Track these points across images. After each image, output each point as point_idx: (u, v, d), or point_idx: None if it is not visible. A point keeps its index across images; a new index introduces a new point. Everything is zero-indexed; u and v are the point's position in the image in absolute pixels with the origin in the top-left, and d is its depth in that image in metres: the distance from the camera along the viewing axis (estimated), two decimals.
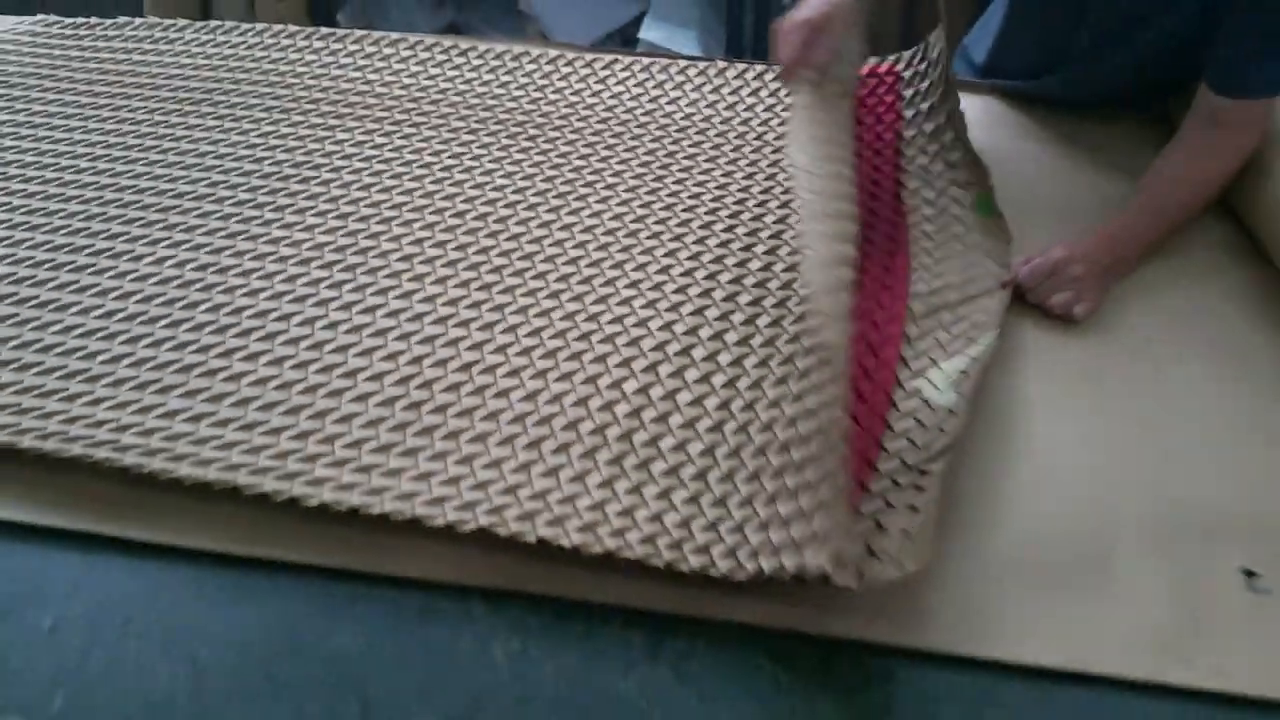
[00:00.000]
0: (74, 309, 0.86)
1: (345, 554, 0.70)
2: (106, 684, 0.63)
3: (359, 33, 1.25)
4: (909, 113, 1.07)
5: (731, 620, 0.67)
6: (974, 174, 0.99)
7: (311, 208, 0.97)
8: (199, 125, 1.09)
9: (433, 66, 1.19)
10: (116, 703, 0.62)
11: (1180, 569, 0.70)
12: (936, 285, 0.88)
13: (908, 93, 1.09)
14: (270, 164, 1.03)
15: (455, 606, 0.67)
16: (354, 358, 0.81)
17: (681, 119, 1.10)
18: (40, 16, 1.31)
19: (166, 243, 0.93)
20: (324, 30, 1.26)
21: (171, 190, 0.99)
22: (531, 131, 1.08)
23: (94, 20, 1.29)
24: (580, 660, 0.65)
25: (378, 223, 0.95)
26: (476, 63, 1.19)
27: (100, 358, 0.81)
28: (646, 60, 1.20)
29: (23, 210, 0.97)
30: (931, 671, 0.65)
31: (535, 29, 2.10)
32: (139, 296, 0.87)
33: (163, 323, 0.84)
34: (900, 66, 1.12)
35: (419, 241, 0.93)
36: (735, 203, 0.98)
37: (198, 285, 0.88)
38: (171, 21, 1.28)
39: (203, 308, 0.86)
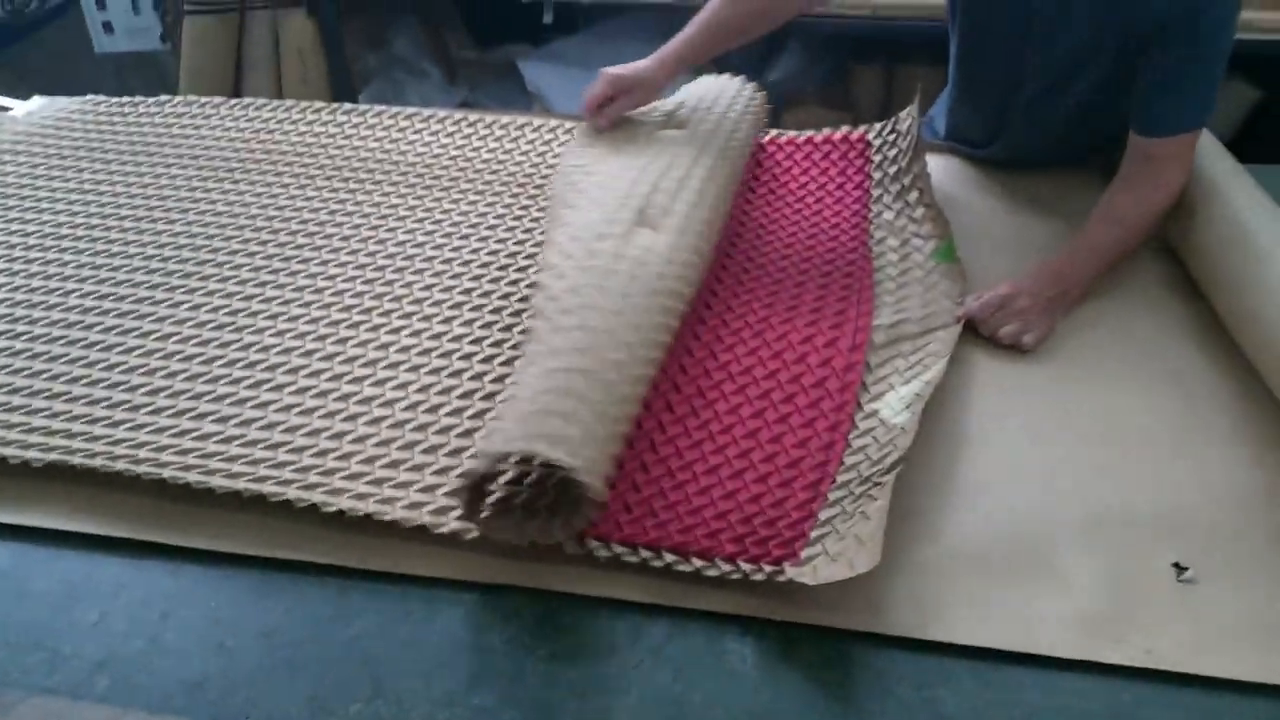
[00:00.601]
0: (119, 349, 0.93)
1: (361, 556, 0.75)
2: (146, 668, 0.69)
3: (377, 107, 1.34)
4: (877, 174, 1.15)
5: (705, 610, 0.72)
6: (936, 226, 1.06)
7: (323, 259, 1.05)
8: (232, 190, 1.17)
9: (430, 135, 1.28)
10: (155, 684, 0.68)
11: (1114, 563, 0.76)
12: (896, 320, 0.94)
13: (876, 157, 1.18)
14: (293, 222, 1.11)
15: (457, 599, 0.73)
16: (368, 387, 0.88)
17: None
18: (89, 96, 1.40)
19: (202, 291, 1.01)
20: (345, 105, 1.35)
21: (207, 246, 1.07)
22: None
23: (137, 99, 1.38)
24: (568, 645, 0.70)
25: (377, 270, 1.03)
26: (468, 131, 1.28)
27: (142, 390, 0.88)
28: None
29: (74, 264, 1.05)
30: (886, 652, 0.70)
31: (540, 106, 2.20)
32: (178, 337, 0.94)
33: (198, 359, 0.92)
34: (871, 135, 1.21)
35: (427, 286, 1.00)
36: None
37: (229, 327, 0.95)
38: (207, 99, 1.37)
39: (234, 347, 0.93)
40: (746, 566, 0.72)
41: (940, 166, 1.21)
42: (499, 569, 0.75)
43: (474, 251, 1.06)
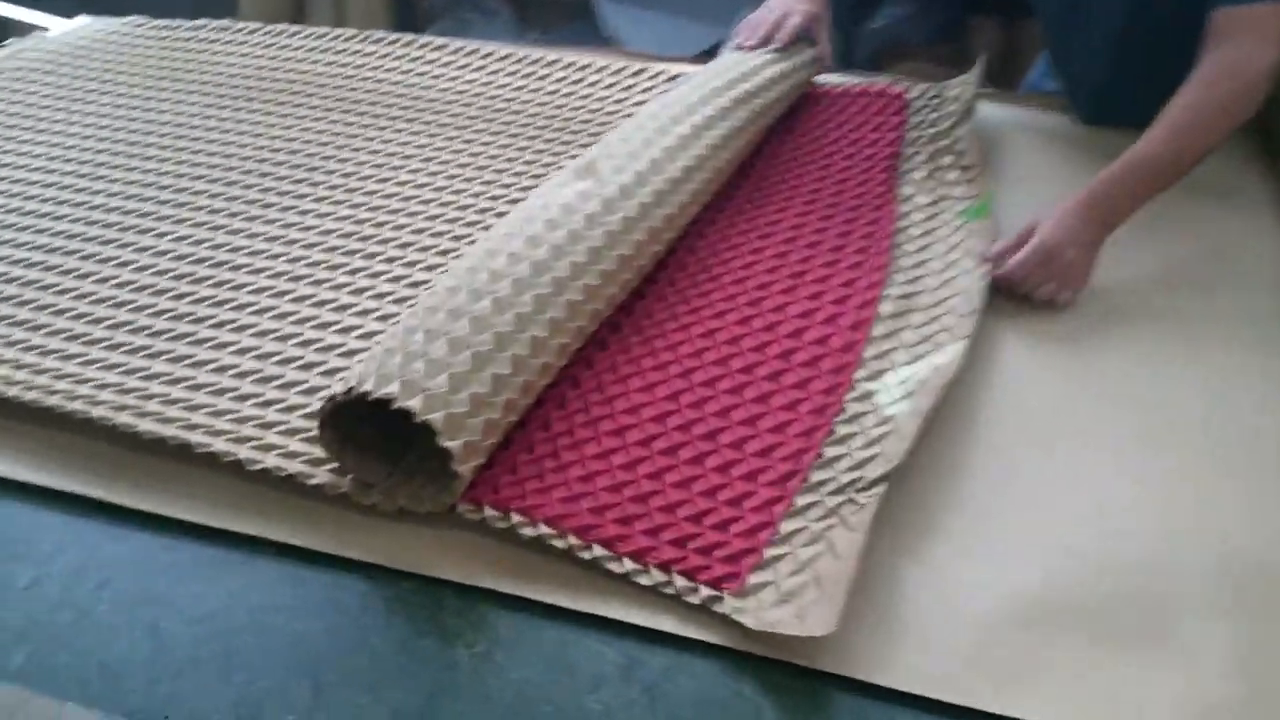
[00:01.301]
0: (92, 277, 0.88)
1: (327, 538, 0.67)
2: (68, 645, 0.62)
3: (418, 38, 1.26)
4: (912, 134, 1.02)
5: (712, 643, 0.60)
6: (973, 188, 0.93)
7: (319, 197, 0.97)
8: (246, 120, 1.10)
9: (459, 68, 1.19)
10: (74, 664, 0.61)
11: (1249, 628, 0.60)
12: (909, 289, 0.83)
13: (914, 118, 1.04)
14: (299, 155, 1.03)
15: (426, 600, 0.64)
16: (331, 334, 0.80)
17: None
18: (131, 17, 1.35)
19: (190, 223, 0.94)
20: (378, 34, 1.26)
21: (206, 177, 1.01)
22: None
23: (175, 22, 1.32)
24: (546, 670, 0.60)
25: (371, 212, 0.95)
26: (513, 69, 1.18)
27: (103, 323, 0.82)
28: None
29: (67, 190, 1.00)
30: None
31: (617, 50, 2.08)
32: (152, 269, 0.88)
33: (167, 295, 0.85)
34: (911, 94, 1.07)
35: (417, 231, 0.92)
36: None
37: (208, 262, 0.89)
38: (244, 25, 1.31)
39: (206, 283, 0.86)
40: (680, 583, 0.61)
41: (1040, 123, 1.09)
42: (480, 568, 0.64)
43: (475, 197, 0.97)
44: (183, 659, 0.61)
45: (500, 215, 0.92)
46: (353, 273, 0.87)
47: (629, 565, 0.62)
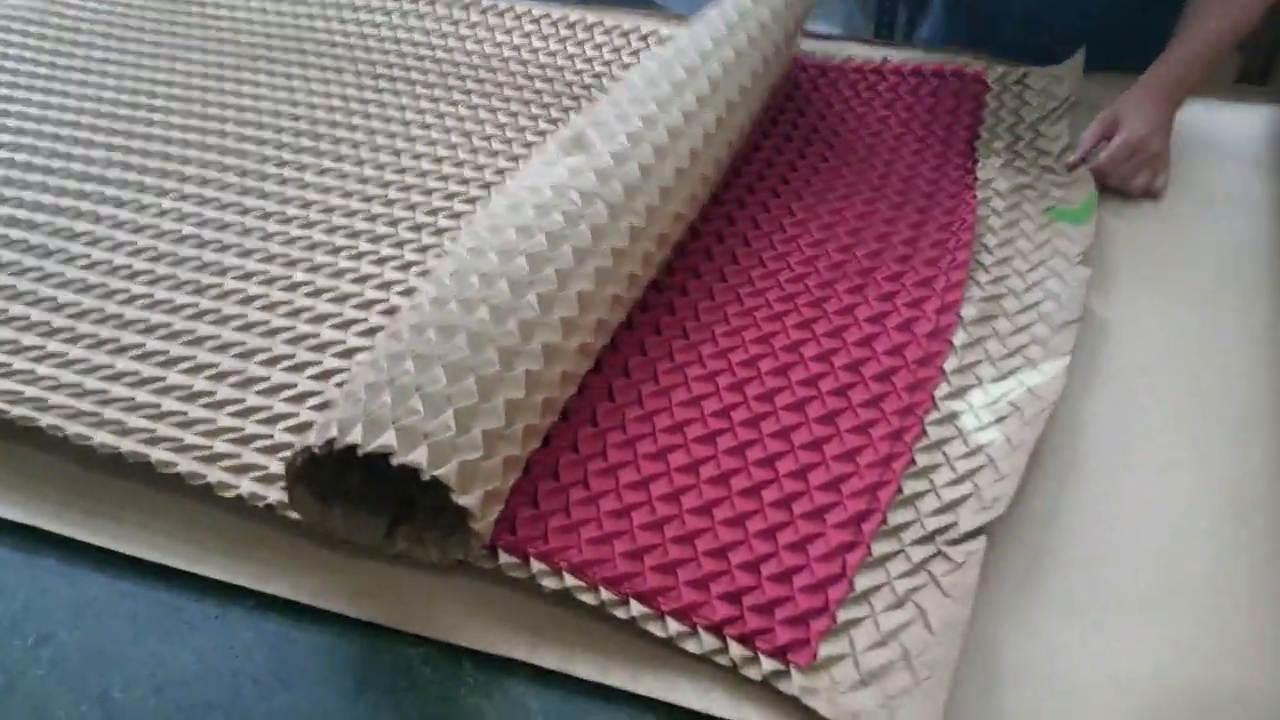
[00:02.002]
0: (58, 255, 0.75)
1: (316, 587, 0.54)
2: None
3: None
4: (990, 119, 0.87)
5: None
6: (1073, 190, 0.79)
7: (299, 167, 0.84)
8: (248, 82, 0.97)
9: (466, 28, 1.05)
10: None
11: None
12: (994, 291, 0.70)
13: (991, 102, 0.89)
14: (285, 119, 0.91)
15: (439, 672, 0.51)
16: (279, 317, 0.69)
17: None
18: None
19: (175, 195, 0.81)
20: None
21: (196, 143, 0.88)
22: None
23: None
24: None
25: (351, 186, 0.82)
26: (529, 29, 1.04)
27: (65, 310, 0.70)
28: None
29: (40, 154, 0.87)
30: None
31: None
32: (125, 249, 0.76)
33: (139, 278, 0.73)
34: (990, 77, 0.92)
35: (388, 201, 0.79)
36: None
37: (190, 241, 0.76)
38: None
39: (164, 262, 0.74)
40: (737, 652, 0.49)
41: None
42: (499, 631, 0.51)
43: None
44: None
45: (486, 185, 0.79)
46: (357, 257, 0.74)
47: (673, 627, 0.50)
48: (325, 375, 0.64)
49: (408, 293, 0.70)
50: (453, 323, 0.56)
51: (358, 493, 0.54)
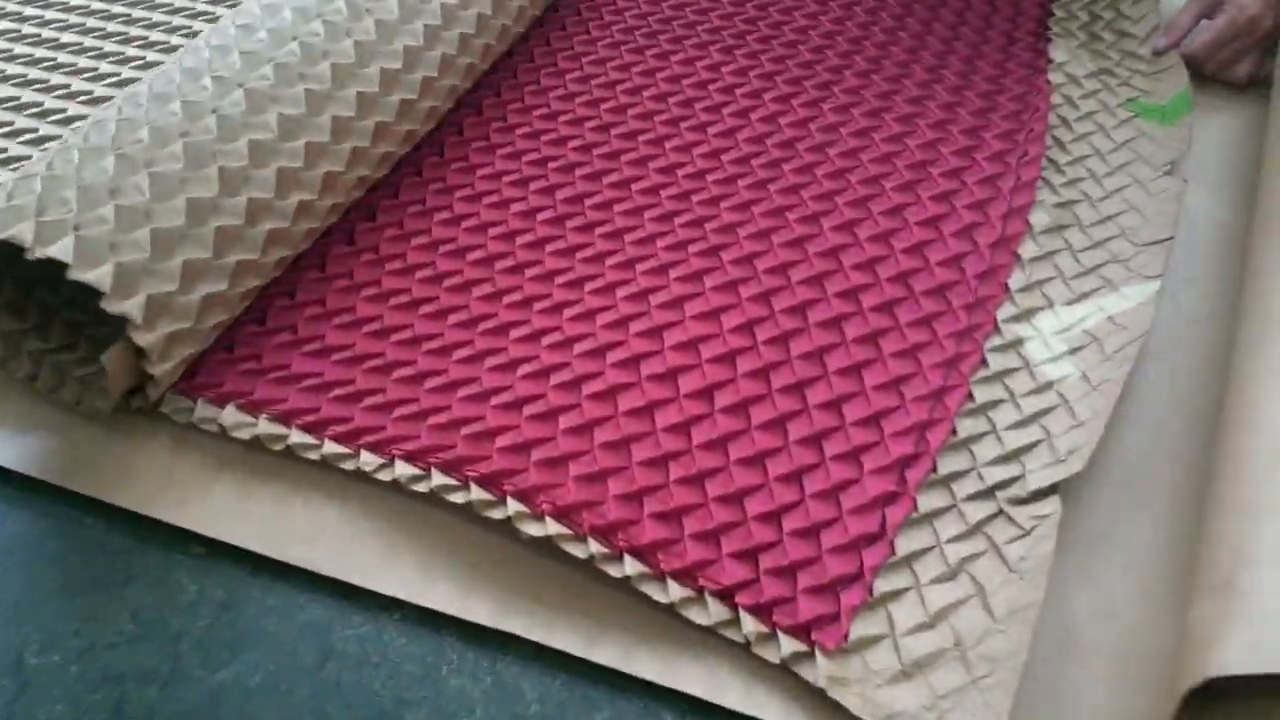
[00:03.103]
0: None
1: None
2: None
3: None
4: (1060, 11, 0.73)
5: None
6: (1158, 81, 0.66)
7: None
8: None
9: None
10: None
11: None
12: (1069, 196, 0.58)
13: None
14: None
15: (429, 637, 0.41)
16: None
17: None
18: None
19: None
20: None
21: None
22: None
23: None
24: None
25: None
26: None
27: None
28: None
29: None
30: None
31: None
32: None
33: None
34: None
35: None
36: None
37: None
38: None
39: None
40: (751, 627, 0.39)
41: None
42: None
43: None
44: None
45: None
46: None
47: (675, 592, 0.40)
48: None
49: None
50: (170, 125, 0.48)
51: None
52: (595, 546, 0.41)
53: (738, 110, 0.62)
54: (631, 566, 0.40)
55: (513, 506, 0.42)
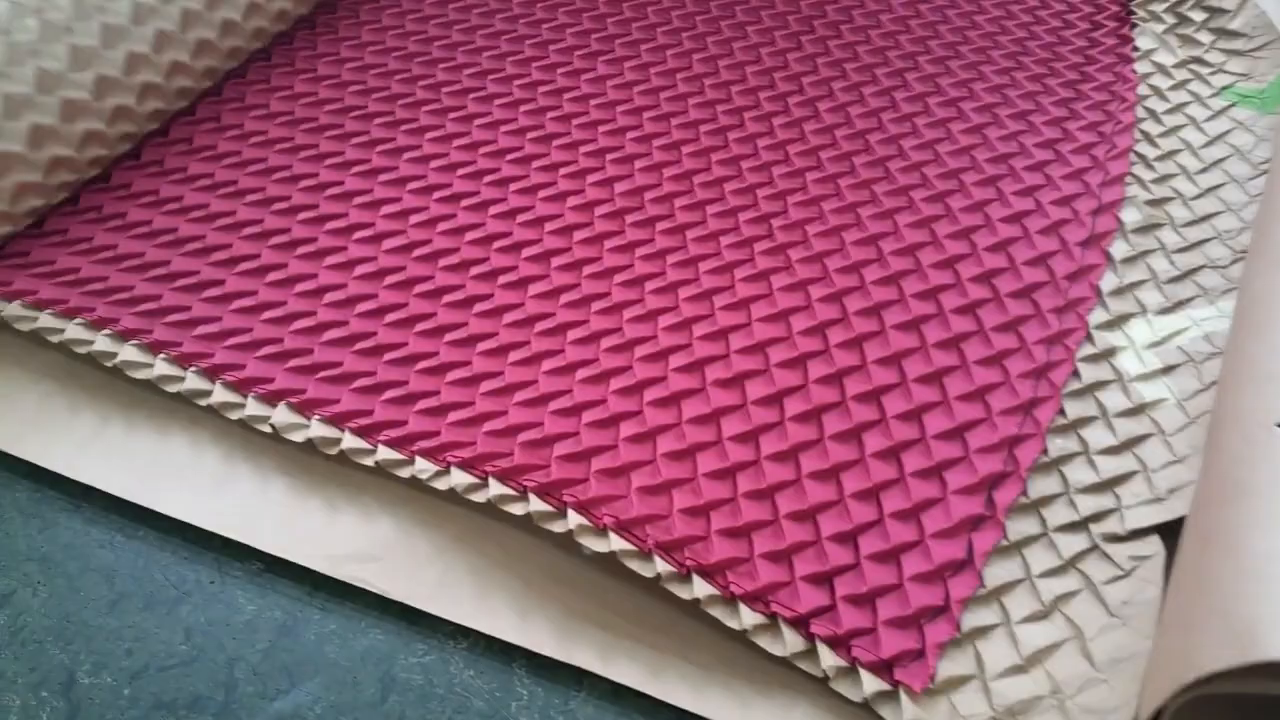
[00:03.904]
0: None
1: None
2: None
3: None
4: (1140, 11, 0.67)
5: None
6: (1254, 60, 0.61)
7: None
8: None
9: None
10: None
11: None
12: (1161, 194, 0.54)
13: None
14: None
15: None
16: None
17: None
18: None
19: None
20: None
21: None
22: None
23: None
24: None
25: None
26: None
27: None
28: None
29: None
30: None
31: None
32: None
33: None
34: None
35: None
36: None
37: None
38: None
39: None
40: (830, 660, 0.35)
41: None
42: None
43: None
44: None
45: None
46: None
47: (748, 617, 0.37)
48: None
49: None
50: None
51: None
52: (661, 565, 0.37)
53: (804, 100, 0.58)
54: (700, 588, 0.37)
55: (574, 520, 0.38)
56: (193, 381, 0.44)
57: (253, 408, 0.43)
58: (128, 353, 0.45)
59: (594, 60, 0.61)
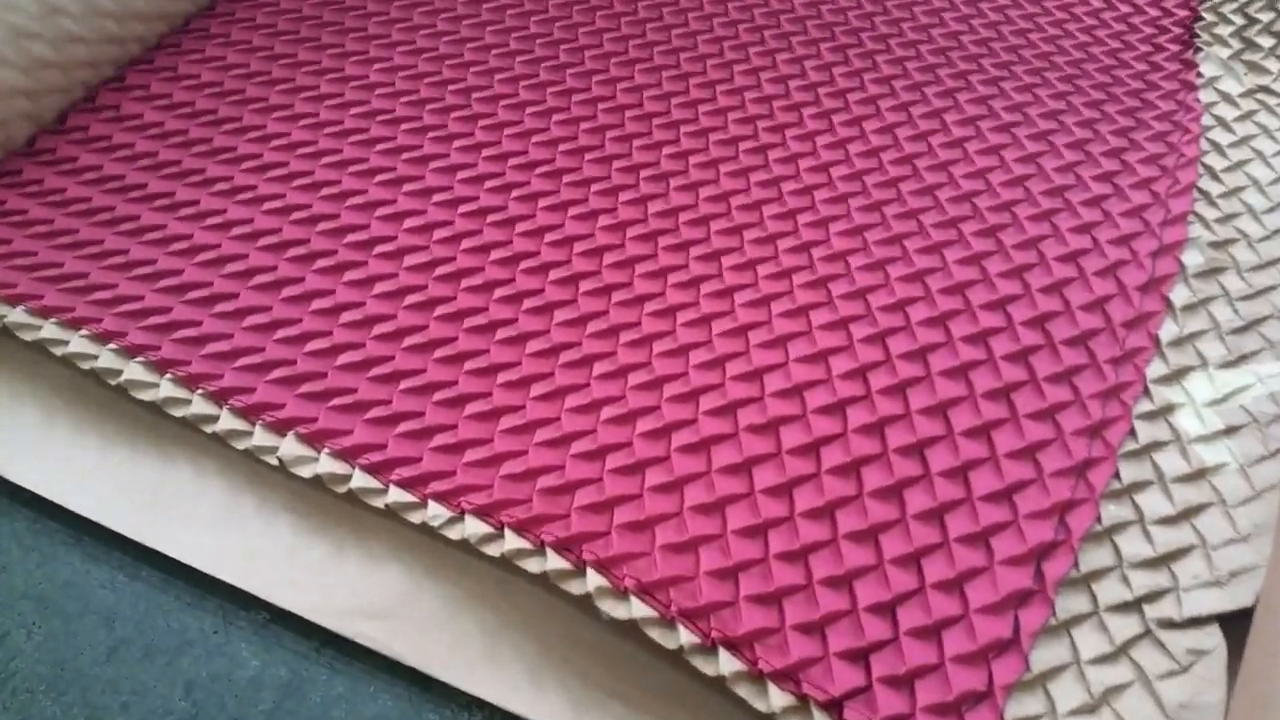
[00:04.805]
0: None
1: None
2: None
3: None
4: (1204, 35, 0.61)
5: None
6: None
7: None
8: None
9: None
10: None
11: None
12: (1226, 235, 0.49)
13: (1208, 15, 0.63)
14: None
15: None
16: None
17: None
18: None
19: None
20: None
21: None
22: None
23: None
24: None
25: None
26: None
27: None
28: None
29: None
30: None
31: None
32: None
33: None
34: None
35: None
36: None
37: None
38: None
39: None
40: None
41: None
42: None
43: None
44: None
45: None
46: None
47: (777, 699, 0.33)
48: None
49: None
50: None
51: None
52: (685, 635, 0.34)
53: (850, 119, 0.55)
54: (726, 663, 0.34)
55: (593, 581, 0.35)
56: (199, 406, 0.41)
57: (260, 437, 0.40)
58: (133, 370, 0.42)
59: (631, 69, 0.57)
